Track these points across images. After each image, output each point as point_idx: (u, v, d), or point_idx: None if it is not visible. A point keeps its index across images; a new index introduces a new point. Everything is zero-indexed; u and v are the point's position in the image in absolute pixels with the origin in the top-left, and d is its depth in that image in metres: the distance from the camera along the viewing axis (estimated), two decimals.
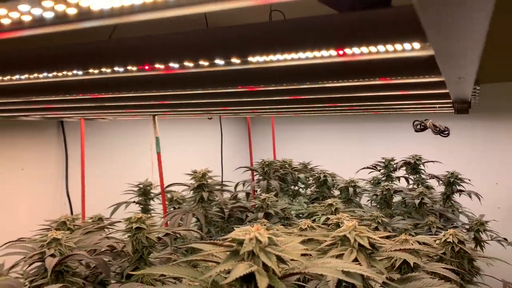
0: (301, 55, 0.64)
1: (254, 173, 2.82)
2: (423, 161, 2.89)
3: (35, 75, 1.10)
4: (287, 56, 0.67)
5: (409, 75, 0.63)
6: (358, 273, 0.66)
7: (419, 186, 2.80)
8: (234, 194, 2.73)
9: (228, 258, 0.67)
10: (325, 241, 0.84)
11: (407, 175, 2.99)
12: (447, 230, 2.24)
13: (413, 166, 2.84)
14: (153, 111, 1.97)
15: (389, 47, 0.48)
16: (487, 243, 2.05)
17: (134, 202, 2.57)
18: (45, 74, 1.09)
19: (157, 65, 0.81)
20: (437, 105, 1.40)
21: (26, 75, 1.11)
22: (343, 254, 0.79)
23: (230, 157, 3.81)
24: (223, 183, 2.21)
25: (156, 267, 0.72)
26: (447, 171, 2.56)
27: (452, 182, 2.50)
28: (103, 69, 0.90)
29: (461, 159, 3.52)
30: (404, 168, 3.00)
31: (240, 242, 0.68)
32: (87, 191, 2.59)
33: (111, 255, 1.68)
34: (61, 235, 1.22)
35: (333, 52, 0.53)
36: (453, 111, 1.19)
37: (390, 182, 3.06)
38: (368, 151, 3.97)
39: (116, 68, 0.89)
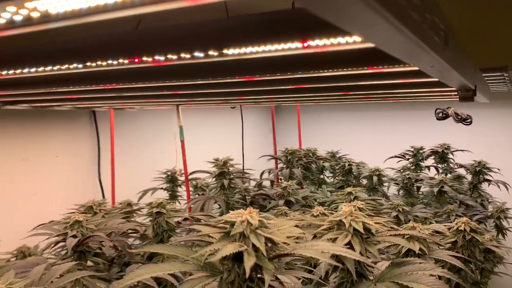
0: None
1: (278, 162, 2.85)
2: (451, 150, 2.84)
3: (66, 66, 1.17)
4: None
5: (388, 64, 0.65)
6: (348, 256, 0.69)
7: (447, 175, 2.75)
8: (259, 182, 2.77)
9: (221, 238, 0.71)
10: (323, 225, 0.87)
11: (435, 164, 2.95)
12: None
13: (441, 155, 2.80)
14: (177, 100, 2.03)
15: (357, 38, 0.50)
16: (510, 230, 2.01)
17: (161, 188, 2.66)
18: (74, 65, 1.16)
19: (182, 55, 0.85)
20: (447, 93, 1.39)
21: (58, 67, 1.19)
22: (338, 238, 0.82)
23: (254, 146, 3.84)
24: (244, 171, 2.26)
25: (154, 245, 0.77)
26: (474, 160, 2.51)
27: (478, 171, 2.45)
28: (130, 60, 0.95)
29: (495, 148, 3.43)
30: (432, 157, 2.96)
31: (233, 224, 0.72)
32: (117, 178, 2.70)
33: (139, 238, 1.77)
34: (83, 218, 1.29)
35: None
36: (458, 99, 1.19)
37: (418, 171, 3.03)
38: (399, 140, 3.91)
39: (144, 58, 0.93)
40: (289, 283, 1.02)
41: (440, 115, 1.87)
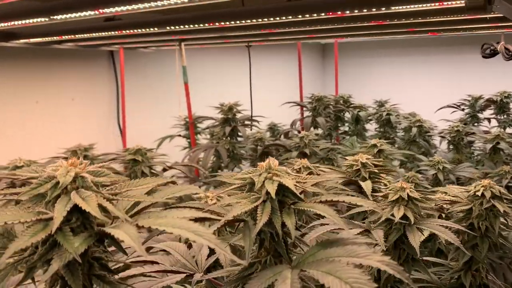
0: None
1: (304, 110, 2.58)
2: None
3: None
4: None
5: None
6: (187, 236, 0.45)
7: (505, 129, 2.34)
8: (287, 130, 2.54)
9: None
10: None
11: (494, 116, 2.53)
12: None
13: (499, 105, 2.37)
14: (178, 30, 1.78)
15: None
16: None
17: (179, 135, 2.51)
18: None
19: None
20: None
21: None
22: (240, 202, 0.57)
23: (284, 93, 3.50)
24: (253, 118, 2.01)
25: None
26: None
27: None
28: None
29: None
30: (491, 107, 2.54)
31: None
32: (132, 123, 2.57)
33: None
34: (24, 163, 1.15)
35: None
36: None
37: (475, 124, 2.64)
38: (460, 88, 3.44)
39: None
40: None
41: (488, 51, 1.49)
